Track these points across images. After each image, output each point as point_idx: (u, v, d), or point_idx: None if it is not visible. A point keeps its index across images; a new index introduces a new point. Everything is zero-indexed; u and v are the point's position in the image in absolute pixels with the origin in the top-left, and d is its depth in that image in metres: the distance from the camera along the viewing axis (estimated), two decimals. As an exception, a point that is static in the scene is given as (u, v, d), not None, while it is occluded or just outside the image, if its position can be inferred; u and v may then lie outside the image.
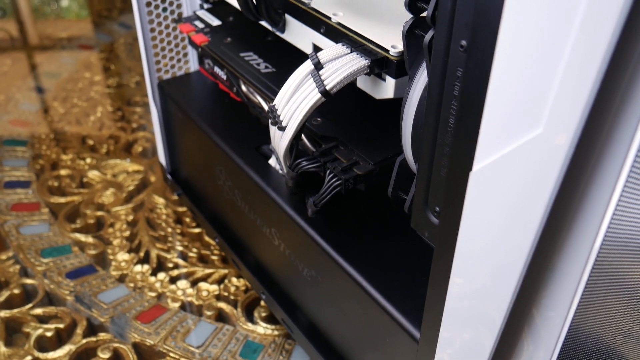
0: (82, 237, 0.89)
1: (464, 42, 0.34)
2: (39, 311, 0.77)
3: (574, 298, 0.36)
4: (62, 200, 0.96)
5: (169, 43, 0.80)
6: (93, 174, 1.02)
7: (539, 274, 0.36)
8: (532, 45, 0.28)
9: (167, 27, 0.79)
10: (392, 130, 0.55)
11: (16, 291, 0.80)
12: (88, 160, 1.06)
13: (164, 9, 0.78)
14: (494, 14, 0.30)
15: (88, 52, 1.43)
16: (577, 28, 0.26)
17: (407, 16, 0.42)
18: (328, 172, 0.51)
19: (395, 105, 0.47)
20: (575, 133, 0.27)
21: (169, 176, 0.90)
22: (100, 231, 0.90)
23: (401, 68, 0.47)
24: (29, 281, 0.82)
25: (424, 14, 0.41)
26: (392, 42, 0.48)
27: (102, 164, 1.05)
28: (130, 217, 0.93)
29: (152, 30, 0.77)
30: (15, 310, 0.77)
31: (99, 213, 0.94)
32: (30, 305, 0.78)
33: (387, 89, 0.49)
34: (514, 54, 0.29)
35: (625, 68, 0.27)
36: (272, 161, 0.64)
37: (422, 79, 0.43)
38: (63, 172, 1.03)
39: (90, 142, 1.11)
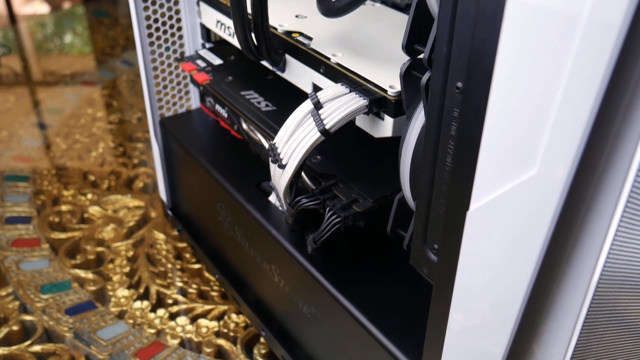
0: (82, 273, 0.89)
1: (459, 84, 0.35)
2: (37, 348, 0.77)
3: (574, 333, 0.36)
4: (63, 235, 0.97)
5: (171, 81, 0.82)
6: (94, 210, 1.03)
7: (538, 310, 0.37)
8: (525, 90, 0.29)
9: (169, 65, 0.80)
10: (390, 168, 0.56)
11: (15, 328, 0.80)
12: (89, 195, 1.06)
13: (167, 48, 0.79)
14: (488, 58, 0.31)
15: (91, 88, 1.45)
16: (568, 73, 0.27)
17: (405, 57, 0.43)
18: (327, 209, 0.52)
19: (394, 143, 0.48)
20: (569, 174, 0.28)
21: (169, 212, 0.91)
22: (100, 267, 0.91)
23: (399, 107, 0.48)
24: (28, 317, 0.81)
25: (421, 56, 0.42)
26: (390, 82, 0.49)
27: (103, 199, 1.05)
28: (131, 253, 0.93)
29: (155, 69, 0.79)
30: (13, 348, 0.77)
31: (99, 249, 0.94)
32: (29, 342, 0.78)
33: (385, 127, 0.50)
34: (507, 97, 0.30)
35: (617, 110, 0.28)
36: (272, 198, 0.65)
37: (419, 118, 0.44)
38: (64, 207, 1.03)
39: (92, 177, 1.11)
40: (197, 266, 0.91)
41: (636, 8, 0.25)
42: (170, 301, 0.85)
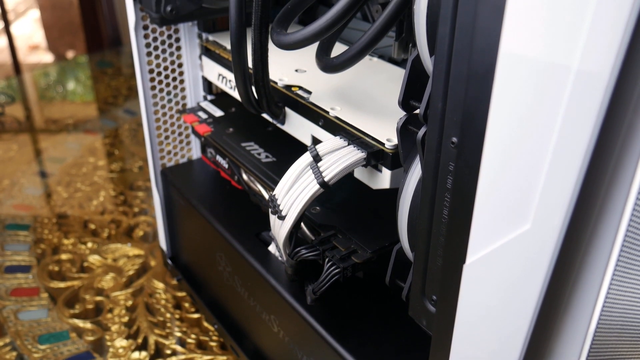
0: (80, 323, 0.89)
1: (454, 139, 0.36)
2: (34, 400, 0.76)
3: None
4: (62, 285, 0.97)
5: (172, 132, 0.83)
6: (94, 259, 1.03)
7: (536, 361, 0.37)
8: (517, 147, 0.30)
9: (171, 117, 0.82)
10: (389, 219, 0.57)
11: (12, 379, 0.79)
12: (89, 244, 1.07)
13: (169, 100, 0.81)
14: (481, 116, 0.32)
15: (93, 137, 1.47)
16: (558, 130, 0.28)
17: (401, 111, 0.44)
18: (327, 260, 0.53)
19: (392, 194, 0.49)
20: (562, 229, 0.29)
21: (169, 261, 0.91)
22: (99, 317, 0.90)
23: (396, 160, 0.49)
24: (25, 369, 0.81)
25: (417, 112, 0.43)
26: (388, 135, 0.51)
27: (103, 248, 1.06)
28: (130, 302, 0.93)
29: (157, 120, 0.80)
30: (9, 400, 0.76)
31: (98, 298, 0.94)
32: (25, 394, 0.77)
33: (383, 179, 0.51)
34: (500, 154, 0.31)
35: (607, 163, 0.29)
36: (272, 248, 0.65)
37: (416, 171, 0.45)
38: (64, 256, 1.03)
39: (92, 226, 1.12)
40: (196, 316, 0.90)
41: (624, 59, 0.26)
42: (168, 351, 0.84)
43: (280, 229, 0.54)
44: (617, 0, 0.25)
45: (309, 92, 0.59)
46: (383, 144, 0.50)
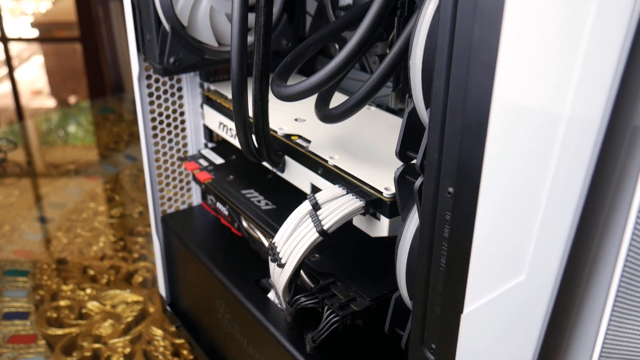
0: (77, 371, 0.88)
1: (450, 189, 0.37)
2: None
3: None
4: (60, 332, 0.96)
5: (173, 179, 0.84)
6: (92, 305, 1.02)
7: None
8: (511, 197, 0.31)
9: (172, 164, 0.83)
10: (387, 267, 0.57)
11: None
12: (88, 290, 1.06)
13: (171, 147, 0.82)
14: (475, 168, 0.33)
15: (94, 182, 1.48)
16: (551, 181, 0.29)
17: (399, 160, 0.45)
18: (326, 308, 0.53)
19: (391, 242, 0.49)
20: (556, 280, 0.29)
21: (168, 308, 0.90)
22: (97, 364, 0.89)
23: (394, 208, 0.50)
24: (20, 418, 0.80)
25: (414, 162, 0.44)
26: (386, 184, 0.51)
27: (102, 294, 1.05)
28: (128, 350, 0.92)
29: (159, 167, 0.81)
30: None
31: (96, 345, 0.93)
32: None
33: (381, 228, 0.52)
34: (494, 205, 0.32)
35: (599, 215, 0.30)
36: (272, 295, 0.65)
37: (414, 220, 0.46)
38: (62, 302, 1.03)
39: (91, 272, 1.12)
40: (194, 363, 0.90)
41: (614, 105, 0.27)
42: (166, 400, 0.83)
43: (279, 276, 0.54)
44: (605, 49, 0.26)
45: (308, 141, 0.60)
46: (381, 193, 0.51)
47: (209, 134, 0.83)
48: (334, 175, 0.55)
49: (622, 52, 0.25)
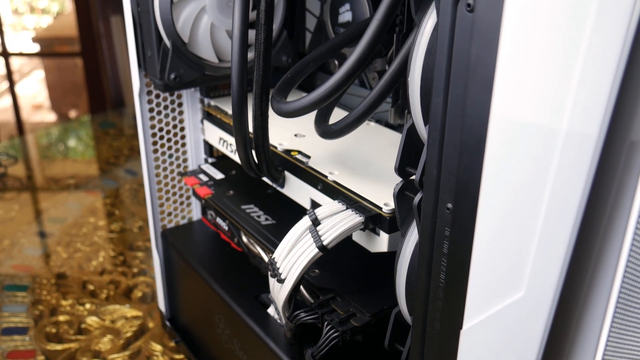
0: (76, 387, 0.88)
1: (449, 205, 0.37)
2: None
3: None
4: (59, 347, 0.96)
5: (173, 194, 0.84)
6: (91, 320, 1.02)
7: None
8: (510, 213, 0.31)
9: (172, 179, 0.83)
10: (387, 282, 0.57)
11: None
12: (87, 305, 1.06)
13: (171, 163, 0.82)
14: (474, 184, 0.33)
15: (94, 197, 1.48)
16: (548, 198, 0.29)
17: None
18: (326, 323, 0.53)
19: (390, 257, 0.49)
20: (554, 296, 0.29)
21: (167, 323, 0.90)
22: (96, 380, 0.89)
23: (394, 224, 0.50)
24: None
25: (413, 177, 0.45)
26: (385, 199, 0.52)
27: (101, 309, 1.05)
28: (127, 365, 0.92)
29: (159, 182, 0.82)
30: None
31: (95, 361, 0.93)
32: None
33: (381, 243, 0.52)
34: (493, 221, 0.32)
35: (597, 230, 0.30)
36: (271, 310, 0.65)
37: (413, 235, 0.46)
38: (62, 317, 1.03)
39: (91, 287, 1.12)
40: (193, 379, 0.89)
41: (610, 121, 0.27)
42: (165, 416, 0.83)
43: (279, 292, 0.54)
44: (601, 65, 0.26)
45: (308, 157, 0.60)
46: (380, 208, 0.51)
47: (209, 149, 0.83)
48: (334, 191, 0.55)
49: (618, 68, 0.26)
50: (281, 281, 0.53)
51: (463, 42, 0.33)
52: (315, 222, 0.51)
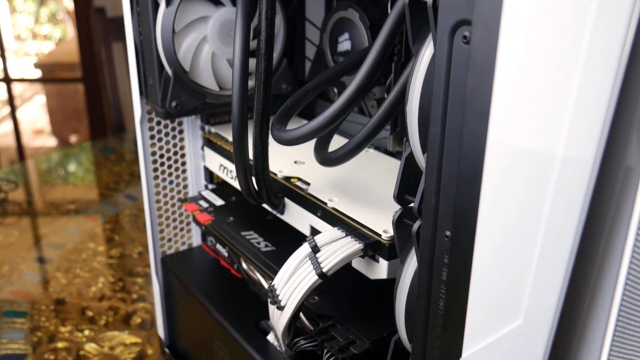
0: (74, 415, 0.87)
1: (448, 233, 0.37)
2: None
3: None
4: (57, 374, 0.95)
5: (173, 220, 0.85)
6: (90, 347, 1.02)
7: None
8: (507, 241, 0.31)
9: (173, 205, 0.84)
10: (387, 309, 0.57)
11: None
12: (86, 332, 1.06)
13: (171, 189, 0.83)
14: (471, 213, 0.34)
15: (94, 222, 1.48)
16: (545, 225, 0.29)
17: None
18: (325, 351, 0.53)
19: (390, 284, 0.50)
20: (552, 325, 0.30)
21: (166, 349, 0.90)
22: (94, 408, 0.88)
23: (393, 251, 0.50)
24: None
25: (411, 205, 0.45)
26: (384, 226, 0.52)
27: (100, 336, 1.05)
28: (125, 393, 0.91)
29: (159, 208, 0.82)
30: None
31: (94, 388, 0.92)
32: None
33: (380, 270, 0.52)
34: (490, 249, 0.32)
35: (594, 258, 0.30)
36: (271, 337, 0.65)
37: (412, 262, 0.46)
38: (60, 344, 1.02)
39: (90, 313, 1.11)
40: (192, 407, 0.88)
41: (605, 148, 0.27)
42: None
43: (279, 319, 0.54)
44: (596, 92, 0.26)
45: (308, 184, 0.61)
46: (380, 235, 0.51)
47: (210, 175, 0.84)
48: (333, 218, 0.56)
49: (612, 96, 0.26)
50: (281, 308, 0.53)
51: (459, 73, 0.33)
52: (315, 249, 0.52)
